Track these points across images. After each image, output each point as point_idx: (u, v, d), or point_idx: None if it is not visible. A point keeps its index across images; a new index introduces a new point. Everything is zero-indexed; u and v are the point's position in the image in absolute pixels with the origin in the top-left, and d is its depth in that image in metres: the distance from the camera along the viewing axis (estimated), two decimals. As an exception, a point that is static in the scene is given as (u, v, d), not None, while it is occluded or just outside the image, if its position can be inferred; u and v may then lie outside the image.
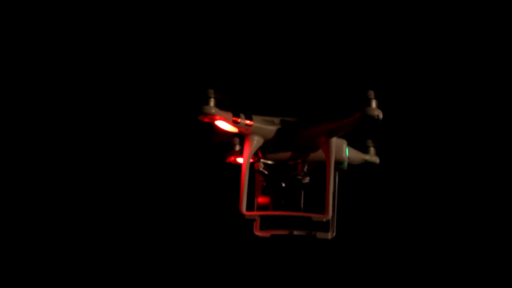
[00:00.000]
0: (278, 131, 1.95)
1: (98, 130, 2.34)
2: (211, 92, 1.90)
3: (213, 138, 2.10)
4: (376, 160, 2.14)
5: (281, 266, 2.36)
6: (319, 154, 1.97)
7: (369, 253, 2.34)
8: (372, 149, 2.14)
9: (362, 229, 2.33)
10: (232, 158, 2.16)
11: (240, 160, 2.18)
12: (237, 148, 2.18)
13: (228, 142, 2.21)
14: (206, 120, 1.91)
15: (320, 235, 2.04)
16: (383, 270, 2.37)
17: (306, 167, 1.97)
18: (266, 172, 1.98)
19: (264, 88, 2.06)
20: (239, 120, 1.92)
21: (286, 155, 1.98)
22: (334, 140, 1.93)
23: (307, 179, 2.03)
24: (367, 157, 2.11)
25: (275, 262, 2.36)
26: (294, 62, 2.11)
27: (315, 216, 1.86)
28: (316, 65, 2.09)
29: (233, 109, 1.95)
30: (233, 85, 2.05)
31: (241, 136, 2.10)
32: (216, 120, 1.91)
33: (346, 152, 1.97)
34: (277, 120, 1.98)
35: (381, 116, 1.82)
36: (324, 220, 1.87)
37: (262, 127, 1.95)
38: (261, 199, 2.01)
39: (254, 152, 1.95)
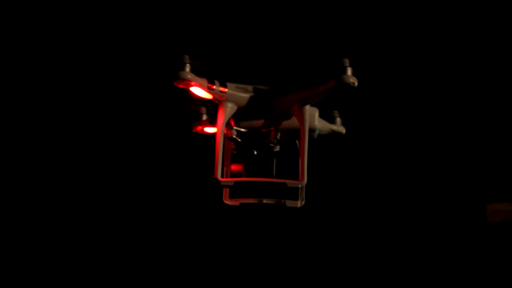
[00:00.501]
0: (251, 98, 1.97)
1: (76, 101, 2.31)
2: (187, 58, 1.90)
3: (186, 106, 2.10)
4: (343, 130, 2.17)
5: (250, 234, 2.38)
6: (291, 122, 1.99)
7: (336, 222, 2.39)
8: (338, 119, 2.17)
9: (329, 198, 2.37)
10: (199, 128, 2.17)
11: (208, 129, 2.18)
12: (204, 117, 2.19)
13: (196, 111, 2.21)
14: (181, 86, 1.91)
15: (289, 203, 2.06)
16: (350, 239, 2.41)
17: (279, 134, 1.99)
18: (239, 140, 2.00)
19: (237, 55, 2.07)
20: (214, 86, 1.93)
21: (259, 122, 1.99)
22: (308, 108, 1.96)
23: (277, 147, 2.05)
24: (334, 127, 2.15)
25: (245, 230, 2.38)
26: (267, 29, 2.13)
27: (290, 182, 1.89)
28: (290, 32, 2.11)
29: (208, 76, 1.95)
30: (208, 52, 2.06)
31: (209, 105, 2.11)
32: (192, 86, 1.91)
33: (317, 121, 2.00)
34: (250, 87, 1.99)
35: (356, 83, 1.86)
36: (300, 186, 1.89)
37: (236, 94, 1.96)
38: (234, 167, 2.02)
39: (228, 119, 1.96)
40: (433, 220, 2.46)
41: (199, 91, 1.94)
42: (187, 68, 1.88)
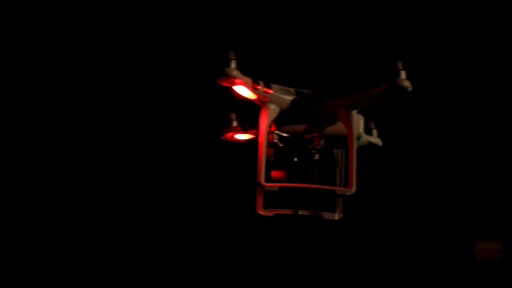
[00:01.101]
0: (294, 101, 1.88)
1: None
2: (232, 54, 1.80)
3: (217, 112, 1.99)
4: (379, 142, 2.10)
5: (284, 245, 2.27)
6: (335, 128, 1.90)
7: (374, 234, 2.29)
8: (374, 131, 2.10)
9: (367, 210, 2.28)
10: (229, 134, 2.07)
11: (238, 136, 2.09)
12: (235, 123, 2.09)
13: (225, 117, 2.11)
14: (225, 83, 1.81)
15: (327, 215, 1.96)
16: (387, 253, 2.32)
17: (322, 140, 1.89)
18: (281, 145, 1.90)
19: (282, 56, 1.99)
20: (259, 86, 1.83)
21: (301, 127, 1.90)
22: (355, 113, 1.87)
23: (317, 156, 1.95)
24: (371, 138, 2.07)
25: (278, 241, 2.27)
26: (314, 30, 2.04)
27: (339, 190, 1.79)
28: (336, 35, 2.04)
29: (251, 76, 1.86)
30: (251, 51, 1.96)
31: (239, 112, 2.01)
32: (236, 84, 1.81)
33: (362, 128, 1.92)
34: (293, 90, 1.90)
35: (410, 88, 1.78)
36: (349, 194, 1.79)
37: (280, 96, 1.87)
38: (275, 173, 1.92)
39: (271, 121, 1.86)
40: (423, 257, 2.39)
41: (243, 90, 1.84)
42: (233, 64, 1.78)
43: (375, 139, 2.09)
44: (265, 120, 1.85)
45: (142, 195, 2.25)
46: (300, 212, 1.97)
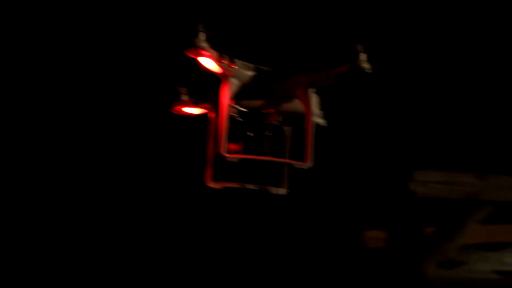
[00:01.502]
0: (255, 77, 1.94)
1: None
2: (202, 26, 1.84)
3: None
4: (325, 123, 2.18)
5: (230, 218, 2.32)
6: (292, 105, 1.97)
7: (318, 210, 2.37)
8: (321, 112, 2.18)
9: (312, 187, 2.36)
10: (179, 108, 2.10)
11: (189, 110, 2.12)
12: (184, 97, 2.12)
13: (175, 90, 2.14)
14: (192, 55, 1.85)
15: (274, 190, 2.04)
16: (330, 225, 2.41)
17: (279, 117, 1.96)
18: (240, 119, 1.95)
19: (243, 34, 2.04)
20: (224, 61, 1.88)
21: (259, 103, 1.96)
22: (313, 92, 1.95)
23: (269, 132, 2.02)
24: (318, 119, 2.15)
25: (225, 214, 2.31)
26: (276, 10, 2.10)
27: (297, 164, 1.86)
28: (299, 15, 2.10)
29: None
30: (215, 27, 1.99)
31: (190, 85, 2.05)
32: (204, 56, 1.85)
33: (318, 107, 2.00)
34: (253, 66, 1.96)
35: (370, 70, 1.88)
36: (305, 167, 1.88)
37: (242, 71, 1.92)
38: (233, 146, 1.97)
39: (232, 96, 1.91)
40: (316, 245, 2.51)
41: (209, 63, 1.88)
42: (202, 36, 1.82)
43: (320, 120, 2.18)
44: (227, 94, 1.90)
45: (89, 169, 2.23)
46: (247, 186, 2.03)
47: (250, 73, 1.92)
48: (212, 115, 2.05)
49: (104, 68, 2.08)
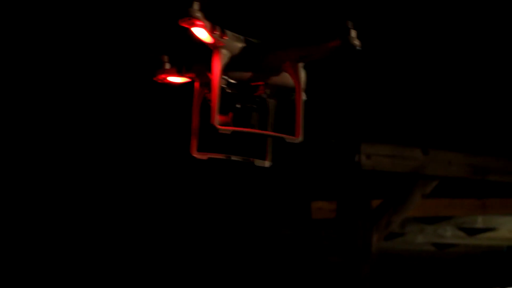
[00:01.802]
0: (245, 49, 1.94)
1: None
2: None
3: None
4: (304, 97, 2.20)
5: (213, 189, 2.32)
6: (281, 78, 1.99)
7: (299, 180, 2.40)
8: None
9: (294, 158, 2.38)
10: (163, 76, 2.09)
11: (172, 79, 2.12)
12: (167, 66, 2.11)
13: (158, 58, 2.13)
14: (186, 24, 1.84)
15: (258, 162, 2.06)
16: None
17: (268, 89, 1.98)
18: (229, 90, 1.96)
19: (234, 5, 2.04)
20: (217, 31, 1.88)
21: (248, 75, 1.97)
22: (302, 66, 1.97)
23: (254, 105, 2.04)
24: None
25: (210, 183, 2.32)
26: None
27: (288, 138, 1.88)
28: None
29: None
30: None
31: (173, 54, 2.05)
32: (197, 26, 1.84)
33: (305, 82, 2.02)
34: (243, 38, 1.97)
35: (360, 46, 1.91)
36: (297, 142, 1.90)
37: (233, 43, 1.93)
38: (222, 117, 1.98)
39: (223, 67, 1.92)
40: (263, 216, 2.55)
41: (201, 33, 1.88)
42: (196, 5, 1.82)
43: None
44: (218, 64, 1.90)
45: (74, 141, 2.21)
46: (232, 158, 2.05)
47: (240, 44, 1.93)
48: (196, 84, 2.05)
49: (86, 37, 2.05)
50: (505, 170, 5.16)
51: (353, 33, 1.90)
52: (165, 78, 2.08)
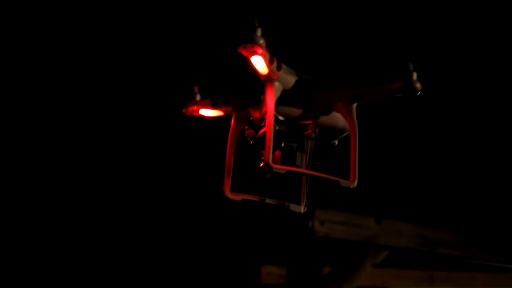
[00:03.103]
0: (297, 84, 1.82)
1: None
2: (257, 21, 1.70)
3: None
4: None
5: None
6: (330, 118, 1.87)
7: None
8: None
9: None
10: (194, 108, 1.94)
11: (205, 112, 1.97)
12: (198, 97, 1.96)
13: (188, 88, 1.98)
14: (245, 52, 1.70)
15: (293, 207, 1.93)
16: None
17: (317, 129, 1.85)
18: (277, 127, 1.82)
19: (290, 39, 1.92)
20: (274, 63, 1.75)
21: (298, 112, 1.84)
22: (355, 106, 1.86)
23: (297, 145, 1.91)
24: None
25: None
26: (324, 23, 2.00)
27: (343, 182, 1.75)
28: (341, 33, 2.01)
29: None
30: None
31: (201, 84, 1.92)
32: (258, 54, 1.71)
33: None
34: (295, 73, 1.85)
35: (420, 90, 1.82)
36: (351, 187, 1.77)
37: (287, 77, 1.80)
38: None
39: (276, 100, 1.79)
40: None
41: (259, 63, 1.74)
42: (259, 32, 1.68)
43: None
44: (272, 98, 1.77)
45: (97, 173, 2.02)
46: (267, 201, 1.90)
47: (293, 79, 1.80)
48: (232, 119, 1.91)
49: (112, 64, 1.89)
50: (453, 243, 5.16)
51: (415, 76, 1.80)
52: (196, 111, 1.92)
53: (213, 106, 1.92)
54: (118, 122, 2.06)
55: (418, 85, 1.79)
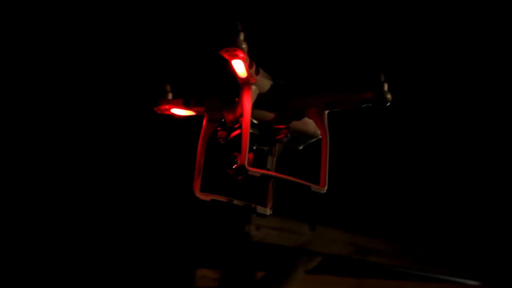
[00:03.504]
0: (272, 89, 1.87)
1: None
2: (240, 25, 1.74)
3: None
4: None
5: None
6: (302, 124, 1.92)
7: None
8: None
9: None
10: (166, 107, 1.96)
11: (176, 111, 2.00)
12: (170, 96, 1.99)
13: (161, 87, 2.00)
14: (227, 55, 1.74)
15: (260, 209, 1.97)
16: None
17: (289, 134, 1.90)
18: (251, 130, 1.86)
19: (267, 43, 1.96)
20: (253, 67, 1.79)
21: (271, 116, 1.89)
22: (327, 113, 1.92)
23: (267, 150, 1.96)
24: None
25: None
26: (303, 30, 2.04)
27: (314, 187, 1.81)
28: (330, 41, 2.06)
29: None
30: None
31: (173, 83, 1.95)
32: (239, 58, 1.75)
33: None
34: (270, 77, 1.89)
35: (390, 101, 1.88)
36: (322, 192, 1.82)
37: (264, 81, 1.85)
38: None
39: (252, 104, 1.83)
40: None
41: (239, 66, 1.78)
42: (242, 36, 1.72)
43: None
44: (249, 102, 1.80)
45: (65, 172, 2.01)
46: (235, 202, 1.94)
47: (268, 83, 1.84)
48: (204, 120, 1.94)
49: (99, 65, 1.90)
50: (384, 252, 5.28)
51: (386, 87, 1.86)
52: (168, 109, 1.94)
53: (186, 106, 1.94)
54: (92, 121, 2.06)
55: (389, 96, 1.84)
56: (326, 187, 1.81)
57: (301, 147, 1.97)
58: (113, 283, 3.64)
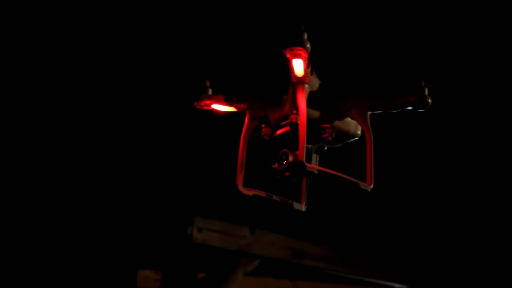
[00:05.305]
0: (320, 89, 1.93)
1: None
2: (303, 25, 1.80)
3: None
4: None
5: None
6: (344, 124, 1.99)
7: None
8: None
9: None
10: (206, 102, 1.99)
11: (217, 107, 2.03)
12: (210, 91, 2.02)
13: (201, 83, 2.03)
14: (291, 54, 1.79)
15: (296, 205, 2.03)
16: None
17: (334, 133, 1.97)
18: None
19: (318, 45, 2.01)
20: (310, 67, 1.86)
21: (317, 115, 1.95)
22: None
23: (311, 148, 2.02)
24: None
25: None
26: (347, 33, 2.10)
27: (362, 184, 1.88)
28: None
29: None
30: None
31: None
32: (302, 58, 1.80)
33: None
34: (318, 78, 1.96)
35: (431, 105, 1.98)
36: (368, 189, 1.90)
37: (315, 80, 1.91)
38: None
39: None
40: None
41: (299, 66, 1.83)
42: (305, 36, 1.78)
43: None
44: (304, 100, 1.86)
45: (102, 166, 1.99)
46: (274, 197, 1.99)
47: (317, 83, 1.90)
48: (246, 117, 1.98)
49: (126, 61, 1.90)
50: (319, 256, 5.41)
51: (427, 91, 1.95)
52: (209, 105, 1.97)
53: (228, 102, 1.97)
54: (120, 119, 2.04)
55: (429, 100, 1.94)
56: (372, 185, 1.88)
57: (337, 146, 2.03)
58: (55, 284, 3.58)
